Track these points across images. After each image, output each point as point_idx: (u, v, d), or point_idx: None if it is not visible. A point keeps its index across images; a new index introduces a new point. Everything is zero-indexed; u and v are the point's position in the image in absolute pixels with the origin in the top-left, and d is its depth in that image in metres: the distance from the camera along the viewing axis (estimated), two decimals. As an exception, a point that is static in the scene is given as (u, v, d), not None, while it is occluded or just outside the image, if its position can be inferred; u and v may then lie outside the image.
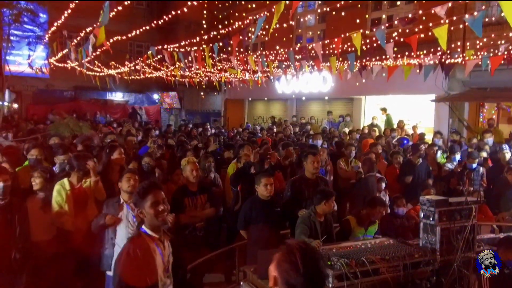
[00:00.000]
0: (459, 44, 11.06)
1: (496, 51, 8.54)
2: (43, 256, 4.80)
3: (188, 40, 9.50)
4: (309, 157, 5.96)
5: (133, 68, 13.27)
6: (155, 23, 8.65)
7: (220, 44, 7.55)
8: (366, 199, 5.90)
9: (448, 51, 9.17)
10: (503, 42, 8.78)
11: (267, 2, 5.51)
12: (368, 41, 8.66)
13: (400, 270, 3.70)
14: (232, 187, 6.88)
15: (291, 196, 5.89)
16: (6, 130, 11.54)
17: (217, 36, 8.83)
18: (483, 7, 8.36)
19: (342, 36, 6.48)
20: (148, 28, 8.79)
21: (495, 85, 11.09)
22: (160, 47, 9.04)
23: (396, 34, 8.70)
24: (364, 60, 10.35)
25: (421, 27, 7.48)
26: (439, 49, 8.70)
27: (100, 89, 17.92)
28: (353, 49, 6.16)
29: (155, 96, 25.35)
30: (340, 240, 4.88)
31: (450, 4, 4.84)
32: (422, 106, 13.94)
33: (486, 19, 10.32)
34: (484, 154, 8.79)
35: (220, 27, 8.57)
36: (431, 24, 5.67)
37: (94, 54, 8.59)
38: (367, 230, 5.41)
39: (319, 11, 16.66)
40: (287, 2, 4.99)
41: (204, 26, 12.97)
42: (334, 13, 13.74)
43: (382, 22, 13.82)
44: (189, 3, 7.04)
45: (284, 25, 7.37)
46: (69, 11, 7.71)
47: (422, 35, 6.52)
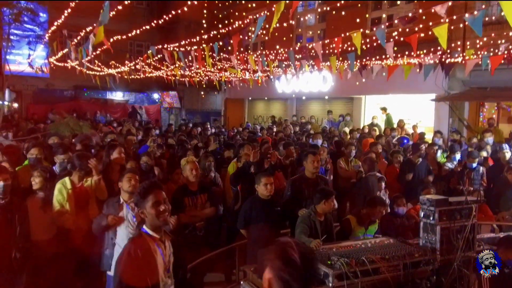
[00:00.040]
0: (459, 43, 11.06)
1: (496, 51, 8.54)
2: (43, 255, 4.80)
3: (188, 40, 9.49)
4: (309, 156, 5.96)
5: (133, 67, 13.26)
6: (155, 22, 8.64)
7: (220, 43, 7.55)
8: (366, 198, 5.91)
9: (448, 51, 9.17)
10: (503, 41, 8.77)
11: (267, 2, 5.49)
12: (368, 40, 8.65)
13: (400, 269, 3.70)
14: (232, 186, 6.89)
15: (291, 195, 5.90)
16: (6, 130, 11.54)
17: (217, 36, 8.82)
18: (483, 6, 8.35)
19: (342, 35, 6.47)
20: (148, 27, 8.77)
21: (495, 84, 11.08)
22: (160, 46, 9.04)
23: (396, 33, 8.68)
24: (364, 60, 10.34)
25: (421, 26, 7.47)
26: (439, 48, 8.69)
27: (100, 88, 17.91)
28: (353, 48, 6.15)
29: (155, 96, 25.35)
30: (340, 240, 4.88)
31: (450, 3, 4.83)
32: (422, 105, 13.95)
33: (486, 18, 10.32)
34: (484, 154, 8.79)
35: (220, 26, 8.56)
36: (431, 24, 5.67)
37: (95, 53, 8.59)
38: (367, 230, 5.41)
39: (319, 10, 16.64)
40: (287, 2, 4.98)
41: (204, 26, 12.95)
42: (334, 12, 13.74)
43: (382, 21, 13.81)
44: (189, 3, 7.03)
45: (284, 24, 7.36)
46: (69, 10, 7.71)
47: (422, 35, 6.51)
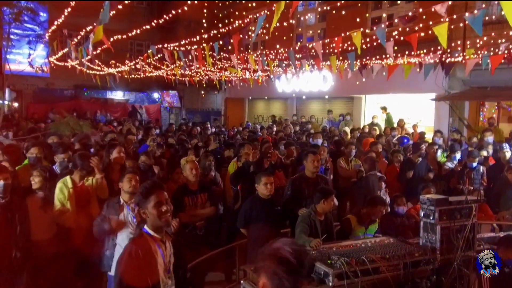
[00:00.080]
0: (459, 43, 11.05)
1: (497, 50, 8.54)
2: (43, 255, 4.80)
3: (189, 39, 9.49)
4: (309, 156, 5.97)
5: (133, 67, 13.26)
6: (156, 22, 8.64)
7: (221, 42, 7.54)
8: (367, 198, 5.91)
9: (449, 50, 9.16)
10: (503, 41, 8.77)
11: (267, 1, 5.49)
12: (368, 40, 8.64)
13: (400, 269, 3.70)
14: (232, 186, 6.89)
15: (291, 195, 5.90)
16: (7, 129, 11.54)
17: (217, 35, 8.82)
18: (483, 6, 8.36)
19: (343, 35, 6.47)
20: (148, 27, 8.77)
21: (496, 84, 11.08)
22: (161, 46, 9.03)
23: (396, 33, 8.69)
24: (364, 59, 10.34)
25: (421, 25, 7.47)
26: (439, 48, 8.69)
27: (100, 87, 17.90)
28: (353, 48, 6.15)
29: (156, 95, 25.34)
30: (340, 239, 4.88)
31: (450, 3, 4.83)
32: (422, 105, 13.94)
33: (487, 18, 10.30)
34: (484, 153, 8.78)
35: (220, 26, 8.55)
36: (431, 23, 5.67)
37: (95, 52, 8.58)
38: (367, 229, 5.41)
39: (319, 10, 16.65)
40: (287, 1, 4.98)
41: (205, 25, 12.93)
42: (334, 12, 13.75)
43: (383, 21, 13.81)
44: (189, 2, 7.03)
45: (285, 24, 7.37)
46: (69, 9, 7.70)
47: (423, 34, 6.51)
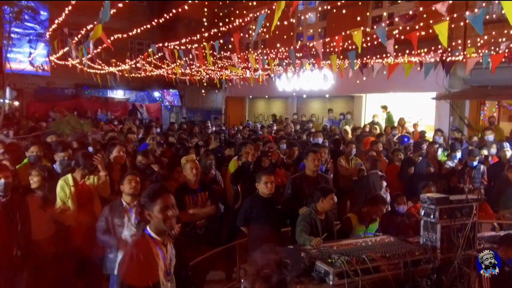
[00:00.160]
0: (460, 41, 11.04)
1: (497, 49, 8.53)
2: (43, 254, 4.80)
3: (189, 38, 9.48)
4: (309, 154, 5.97)
5: (134, 65, 13.25)
6: (156, 20, 8.63)
7: (221, 41, 7.54)
8: (367, 196, 5.91)
9: (449, 49, 9.14)
10: (504, 40, 8.76)
11: (268, 0, 5.49)
12: (368, 38, 8.62)
13: (400, 267, 3.71)
14: (232, 185, 6.90)
15: (291, 193, 5.90)
16: (7, 128, 11.53)
17: (217, 34, 8.81)
18: (484, 4, 8.35)
19: (343, 33, 6.46)
20: (149, 26, 8.77)
21: (496, 83, 11.07)
22: (161, 44, 9.02)
23: (397, 31, 8.69)
24: (365, 58, 10.32)
25: (421, 24, 7.46)
26: (440, 46, 8.69)
27: (101, 86, 17.89)
28: (354, 47, 6.15)
29: (156, 94, 25.34)
30: (341, 238, 4.88)
31: (450, 2, 4.82)
32: (423, 104, 13.93)
33: (487, 17, 10.29)
34: (485, 152, 8.77)
35: (221, 24, 8.56)
36: (431, 22, 5.66)
37: (95, 51, 8.58)
38: (368, 228, 5.41)
39: (319, 9, 16.64)
40: (287, 0, 4.97)
41: (205, 24, 12.93)
42: (335, 11, 13.75)
43: (383, 19, 13.82)
44: (189, 1, 7.03)
45: (285, 22, 7.36)
46: (69, 8, 7.70)
47: (423, 33, 6.51)
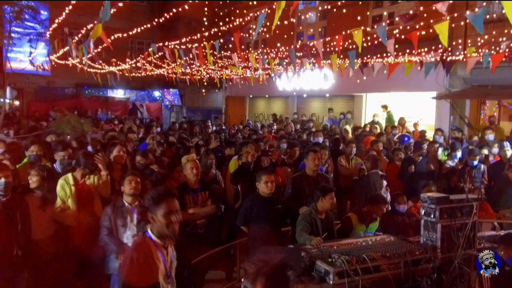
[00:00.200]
0: (460, 41, 11.03)
1: (498, 48, 8.53)
2: (43, 254, 4.79)
3: (189, 37, 9.48)
4: (309, 154, 5.97)
5: (134, 65, 13.25)
6: (156, 20, 8.63)
7: (221, 41, 7.54)
8: (368, 196, 5.91)
9: (449, 48, 9.14)
10: (504, 39, 8.76)
11: (268, 0, 5.49)
12: (369, 38, 8.62)
13: (401, 267, 3.71)
14: (232, 185, 6.90)
15: (292, 193, 5.90)
16: (8, 127, 11.54)
17: (218, 33, 8.81)
18: (484, 4, 8.34)
19: (343, 33, 6.46)
20: (149, 25, 8.76)
21: (496, 82, 11.06)
22: (161, 44, 9.02)
23: (397, 31, 8.68)
24: (365, 58, 10.32)
25: (422, 24, 7.46)
26: (440, 46, 8.68)
27: (101, 86, 17.89)
28: (354, 46, 6.15)
29: (156, 93, 25.34)
30: (341, 237, 4.89)
31: (451, 1, 4.82)
32: (423, 103, 13.91)
33: (488, 16, 10.28)
34: (485, 151, 8.77)
35: (221, 24, 8.55)
36: (432, 21, 5.66)
37: (95, 51, 8.57)
38: (368, 227, 5.41)
39: (320, 8, 16.63)
40: (287, 0, 4.97)
41: (205, 23, 12.92)
42: (335, 10, 13.73)
43: (383, 19, 13.81)
44: (190, 1, 7.03)
45: (285, 22, 7.36)
46: (70, 8, 7.69)
47: (423, 32, 6.50)
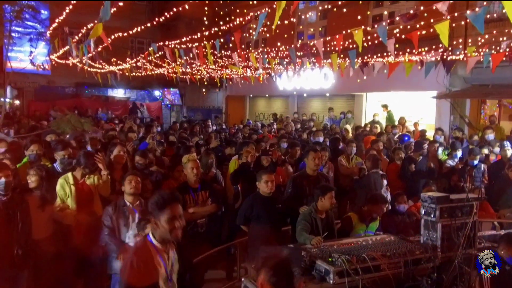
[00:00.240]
0: (460, 41, 11.03)
1: (498, 48, 8.52)
2: (43, 254, 4.78)
3: (190, 37, 9.47)
4: (310, 153, 5.96)
5: (134, 64, 13.25)
6: (157, 19, 8.62)
7: (222, 40, 7.53)
8: (368, 195, 5.90)
9: (450, 48, 9.14)
10: (505, 38, 8.76)
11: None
12: (369, 37, 8.63)
13: (401, 266, 3.71)
14: (232, 185, 6.90)
15: (292, 192, 5.90)
16: (8, 127, 11.54)
17: (218, 33, 8.80)
18: (484, 3, 8.34)
19: (344, 32, 6.46)
20: (149, 24, 8.76)
21: (497, 82, 11.05)
22: (162, 43, 9.02)
23: (397, 30, 8.68)
24: (366, 57, 10.31)
25: (422, 23, 7.45)
26: (440, 45, 8.67)
27: (101, 85, 17.89)
28: (354, 45, 6.15)
29: (157, 93, 25.34)
30: (341, 237, 4.89)
31: (451, 1, 4.82)
32: (423, 102, 13.90)
33: (488, 16, 10.27)
34: (485, 151, 8.77)
35: (221, 23, 8.55)
36: (432, 21, 5.66)
37: (96, 50, 8.57)
38: (368, 227, 5.41)
39: (320, 8, 16.62)
40: (288, -1, 4.97)
41: (206, 23, 12.92)
42: (335, 9, 13.72)
43: (384, 18, 13.80)
44: (190, 0, 7.03)
45: (286, 21, 7.35)
46: (70, 7, 7.69)
47: (424, 32, 6.50)
